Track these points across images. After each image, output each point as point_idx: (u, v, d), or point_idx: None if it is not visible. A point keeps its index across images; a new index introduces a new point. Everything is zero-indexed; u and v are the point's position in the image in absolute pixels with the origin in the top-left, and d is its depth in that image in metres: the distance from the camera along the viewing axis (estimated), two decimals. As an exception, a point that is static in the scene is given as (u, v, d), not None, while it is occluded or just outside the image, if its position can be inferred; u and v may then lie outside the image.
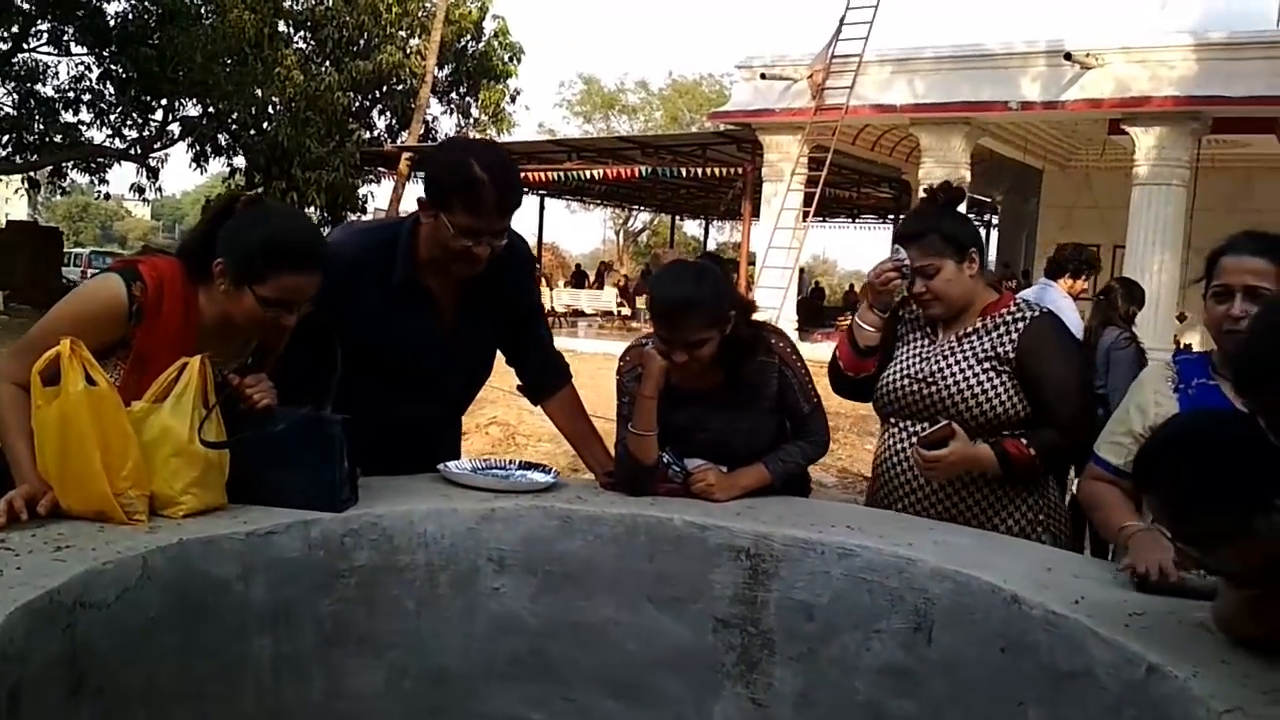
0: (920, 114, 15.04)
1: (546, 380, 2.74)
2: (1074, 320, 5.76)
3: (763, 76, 16.13)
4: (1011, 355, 2.44)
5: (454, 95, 25.88)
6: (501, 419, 9.02)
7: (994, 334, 2.47)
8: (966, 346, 2.49)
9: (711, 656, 2.24)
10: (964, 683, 1.94)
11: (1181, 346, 13.37)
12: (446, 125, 26.09)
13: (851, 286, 30.02)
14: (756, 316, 2.50)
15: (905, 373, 2.55)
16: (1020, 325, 2.46)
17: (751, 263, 17.52)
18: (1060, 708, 1.73)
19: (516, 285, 2.58)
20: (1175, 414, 1.76)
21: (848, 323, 2.70)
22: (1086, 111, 14.17)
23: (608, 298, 22.82)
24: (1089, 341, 5.43)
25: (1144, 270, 13.12)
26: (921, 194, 2.62)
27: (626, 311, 22.59)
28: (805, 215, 16.04)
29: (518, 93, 26.23)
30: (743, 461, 2.46)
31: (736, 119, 16.92)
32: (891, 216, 26.70)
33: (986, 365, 2.45)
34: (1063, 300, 5.75)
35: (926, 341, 2.58)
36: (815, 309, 24.37)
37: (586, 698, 2.29)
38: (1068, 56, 13.55)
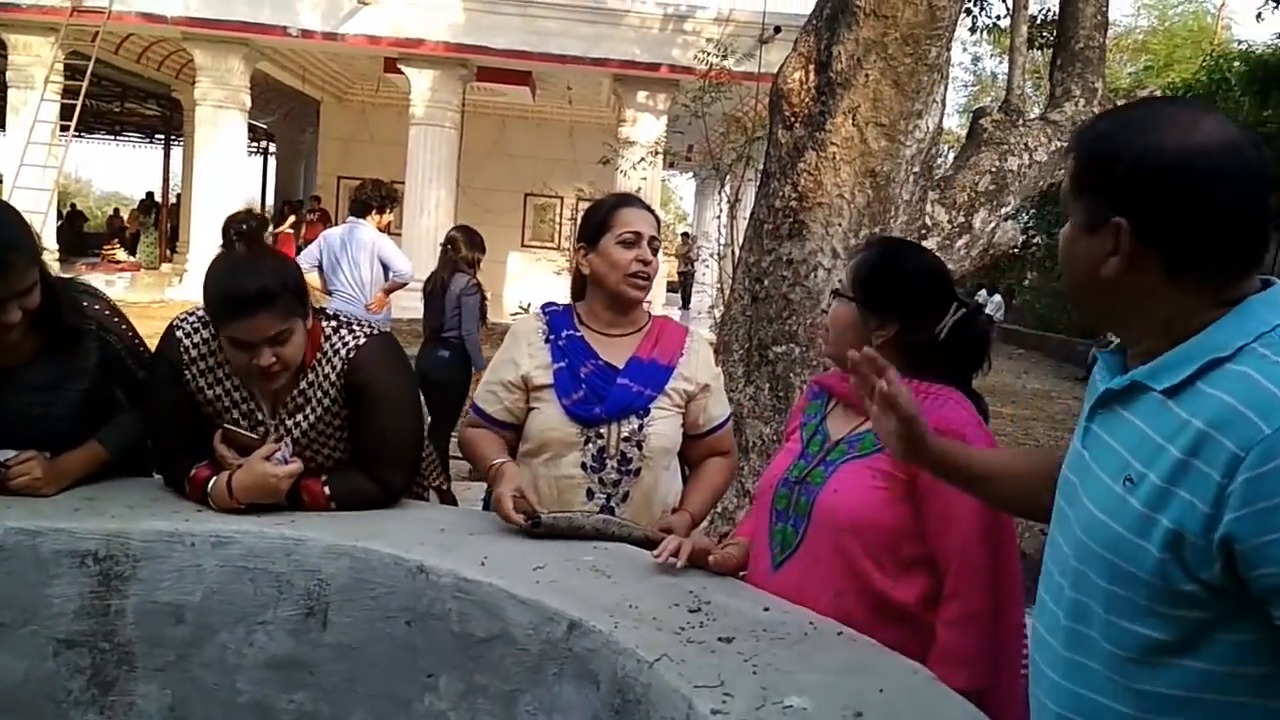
0: (194, 29, 13.96)
1: None
2: (397, 253, 5.85)
3: (-3, -39, 13.56)
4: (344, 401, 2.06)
5: None
6: None
7: (323, 400, 2.04)
8: (306, 427, 2.06)
9: (52, 685, 1.84)
10: (366, 663, 1.83)
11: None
12: None
13: (116, 210, 27.26)
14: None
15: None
16: (338, 363, 2.02)
17: (-4, 181, 14.88)
18: (476, 675, 1.71)
19: None
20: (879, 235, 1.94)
21: (115, 251, 2.22)
22: (365, 47, 14.36)
23: None
24: (442, 289, 5.55)
25: (423, 207, 13.91)
26: (223, 234, 1.99)
27: None
28: (65, 129, 14.04)
29: None
30: (69, 447, 2.03)
31: (-33, 8, 14.06)
32: (160, 136, 24.67)
33: (338, 436, 2.10)
34: (380, 237, 5.77)
35: (254, 425, 2.06)
36: (77, 236, 21.91)
37: None
38: (348, -11, 13.60)
